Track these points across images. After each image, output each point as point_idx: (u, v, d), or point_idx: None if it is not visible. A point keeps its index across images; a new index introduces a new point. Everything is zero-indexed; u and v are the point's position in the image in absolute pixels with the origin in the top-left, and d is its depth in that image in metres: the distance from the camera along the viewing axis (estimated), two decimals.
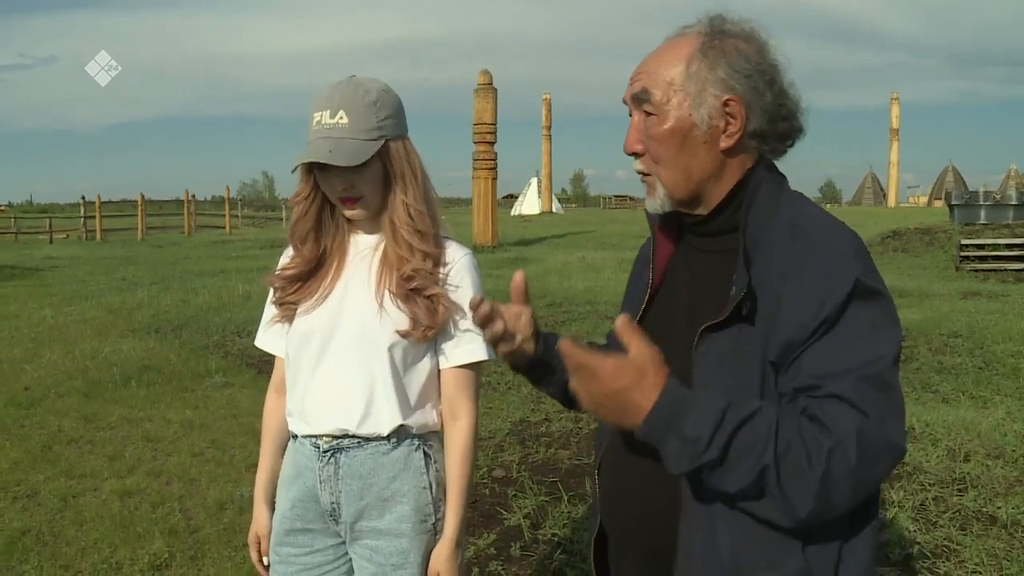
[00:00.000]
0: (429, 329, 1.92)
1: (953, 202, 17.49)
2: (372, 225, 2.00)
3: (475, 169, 19.10)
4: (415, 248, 1.93)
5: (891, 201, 43.96)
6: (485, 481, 4.75)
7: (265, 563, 2.16)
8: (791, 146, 1.56)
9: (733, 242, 1.48)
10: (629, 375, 1.33)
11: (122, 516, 4.65)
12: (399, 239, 1.94)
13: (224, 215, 39.64)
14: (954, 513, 4.11)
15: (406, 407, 1.96)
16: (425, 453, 1.99)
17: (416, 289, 1.92)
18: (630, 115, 1.56)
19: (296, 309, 2.01)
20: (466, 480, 2.00)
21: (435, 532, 1.99)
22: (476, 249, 18.52)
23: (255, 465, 2.22)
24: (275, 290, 2.05)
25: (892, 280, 12.79)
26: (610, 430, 1.63)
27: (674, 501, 1.46)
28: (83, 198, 36.53)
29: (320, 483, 2.00)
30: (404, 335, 1.92)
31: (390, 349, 1.92)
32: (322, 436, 1.98)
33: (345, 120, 1.85)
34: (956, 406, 6.04)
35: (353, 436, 1.96)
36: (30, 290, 15.23)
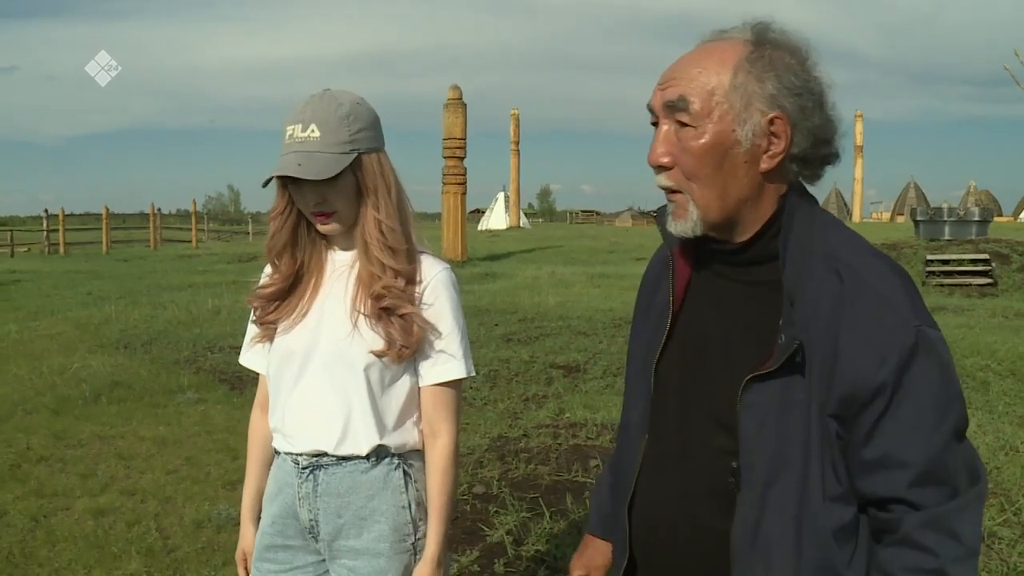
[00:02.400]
0: (404, 348, 1.90)
1: (918, 218, 17.75)
2: (348, 241, 1.99)
3: (445, 184, 19.09)
4: (386, 266, 1.90)
5: (855, 217, 44.51)
6: (466, 497, 4.72)
7: None
8: (825, 171, 1.47)
9: (766, 274, 1.41)
10: None
11: (96, 536, 4.57)
12: (370, 256, 1.92)
13: (190, 229, 39.29)
14: None
15: (384, 427, 1.94)
16: (405, 472, 1.98)
17: (388, 308, 1.90)
18: (653, 123, 1.44)
19: (276, 328, 2.00)
20: (446, 498, 1.99)
21: (415, 552, 1.98)
22: None
23: (232, 482, 2.22)
24: (254, 309, 2.04)
25: None
26: (640, 460, 1.57)
27: (724, 542, 1.41)
28: (46, 211, 36.00)
29: (299, 500, 1.99)
30: (379, 355, 1.90)
31: (366, 370, 1.91)
32: (302, 454, 1.98)
33: (316, 134, 1.84)
34: None
35: (332, 455, 1.96)
36: None
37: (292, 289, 2.01)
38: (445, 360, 1.96)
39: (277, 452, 2.06)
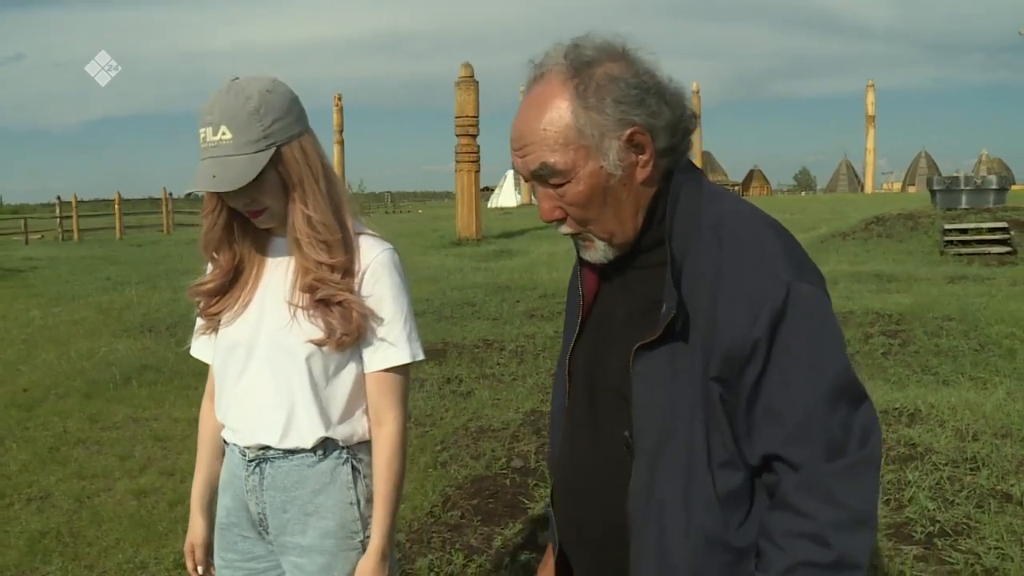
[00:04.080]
0: (345, 336, 1.84)
1: (935, 187, 17.65)
2: (286, 229, 1.91)
3: (458, 162, 19.07)
4: (319, 262, 1.83)
5: (868, 187, 44.29)
6: (505, 471, 4.78)
7: (199, 572, 2.14)
8: (691, 138, 1.49)
9: (663, 254, 1.43)
10: None
11: (140, 515, 4.64)
12: (303, 252, 1.85)
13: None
14: (970, 492, 4.17)
15: (329, 419, 1.89)
16: (353, 467, 1.92)
17: (324, 299, 1.84)
18: (527, 180, 1.47)
19: (220, 320, 1.96)
20: (392, 487, 1.91)
21: (363, 550, 1.92)
22: (460, 243, 18.55)
23: None
24: (197, 303, 1.99)
25: (878, 265, 12.93)
26: (559, 457, 1.64)
27: (624, 526, 1.45)
28: (59, 198, 36.16)
29: (247, 492, 1.96)
30: (319, 344, 1.84)
31: (308, 360, 1.86)
32: (248, 447, 1.94)
33: (228, 136, 1.74)
34: (957, 387, 6.12)
35: (277, 448, 1.91)
36: (14, 291, 15.04)
37: (234, 281, 1.96)
38: (388, 346, 1.89)
39: (226, 443, 2.03)
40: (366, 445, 1.95)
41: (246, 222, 1.90)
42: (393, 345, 1.89)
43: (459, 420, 5.71)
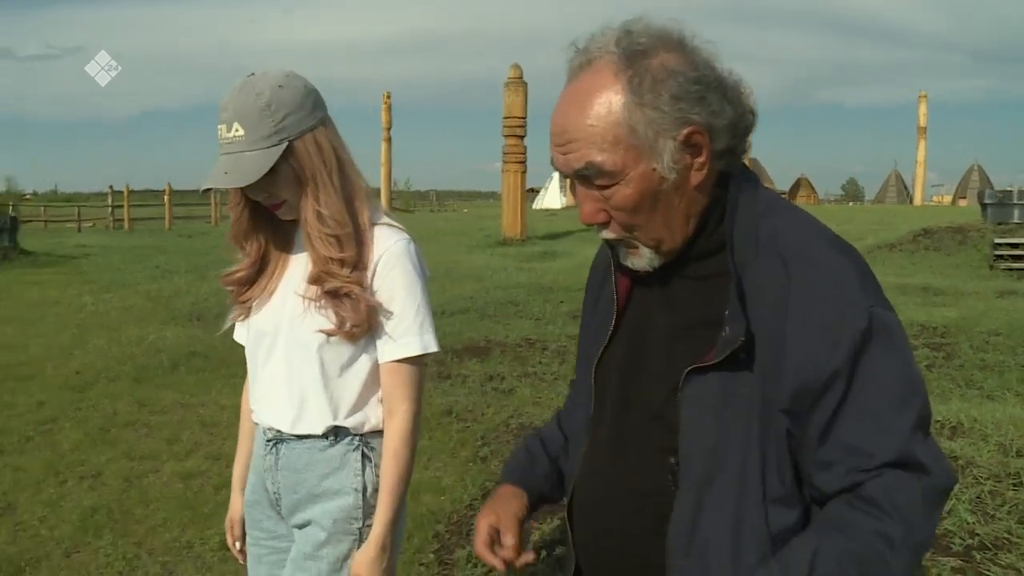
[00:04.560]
0: (355, 328, 1.87)
1: (986, 201, 17.38)
2: None
3: (505, 162, 19.14)
4: (328, 257, 1.86)
5: (917, 200, 43.65)
6: None
7: (239, 547, 2.22)
8: (750, 139, 1.37)
9: (713, 266, 1.34)
10: None
11: (186, 497, 4.76)
12: (313, 246, 1.88)
13: None
14: (1011, 507, 4.14)
15: (340, 408, 1.93)
16: (364, 454, 1.95)
17: (333, 291, 1.87)
18: (566, 176, 1.34)
19: (251, 308, 2.02)
20: (397, 478, 1.92)
21: (359, 539, 1.94)
22: (505, 242, 18.61)
23: None
24: (230, 292, 2.05)
25: (925, 278, 12.77)
26: (580, 477, 1.50)
27: (661, 544, 1.34)
28: (111, 188, 36.90)
29: (265, 471, 2.03)
30: (330, 334, 1.88)
31: (319, 350, 1.90)
32: (268, 428, 2.01)
33: (241, 132, 1.78)
34: (1002, 403, 6.05)
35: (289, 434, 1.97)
36: (67, 277, 15.40)
37: (261, 271, 2.01)
38: (399, 337, 1.91)
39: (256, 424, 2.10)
40: (379, 434, 1.98)
41: (272, 214, 1.94)
42: (404, 336, 1.91)
43: (500, 416, 5.77)
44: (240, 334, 2.12)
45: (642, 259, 1.36)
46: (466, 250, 17.90)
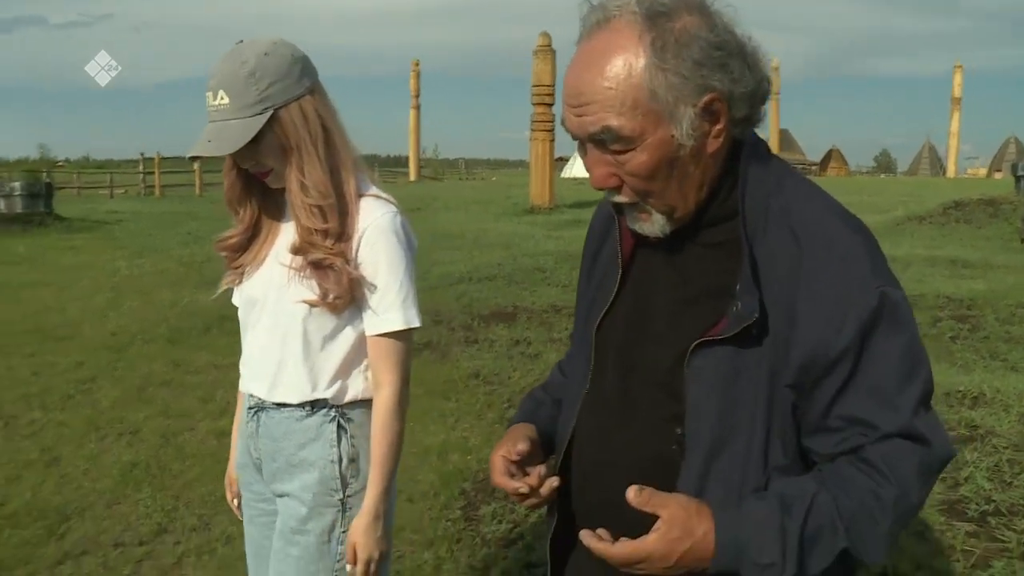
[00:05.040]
0: (338, 299, 1.87)
1: (1019, 173, 17.20)
2: None
3: (533, 131, 19.11)
4: (311, 228, 1.85)
5: (950, 172, 43.12)
6: None
7: (236, 504, 2.26)
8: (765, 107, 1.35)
9: (723, 233, 1.34)
10: (680, 541, 1.23)
11: (220, 454, 4.89)
12: (297, 215, 1.88)
13: None
14: None
15: (319, 378, 1.94)
16: (340, 425, 1.96)
17: (316, 262, 1.86)
18: (578, 140, 1.32)
19: (243, 273, 2.03)
20: (386, 449, 1.94)
21: (343, 508, 1.96)
22: (533, 211, 18.63)
23: None
24: (224, 258, 2.06)
25: (955, 250, 12.69)
26: (583, 436, 1.49)
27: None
28: (142, 155, 37.24)
29: (248, 437, 2.06)
30: (312, 304, 1.88)
31: (303, 320, 1.91)
32: (251, 395, 2.04)
33: (225, 100, 1.78)
34: None
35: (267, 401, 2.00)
36: (100, 242, 15.64)
37: (253, 238, 2.01)
38: (383, 311, 1.91)
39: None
40: (359, 404, 1.98)
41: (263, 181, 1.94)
42: (388, 311, 1.91)
43: (526, 380, 5.87)
44: (237, 298, 2.13)
45: (654, 225, 1.34)
46: (493, 218, 17.96)
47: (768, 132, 42.97)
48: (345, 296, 1.87)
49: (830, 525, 1.23)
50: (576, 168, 47.66)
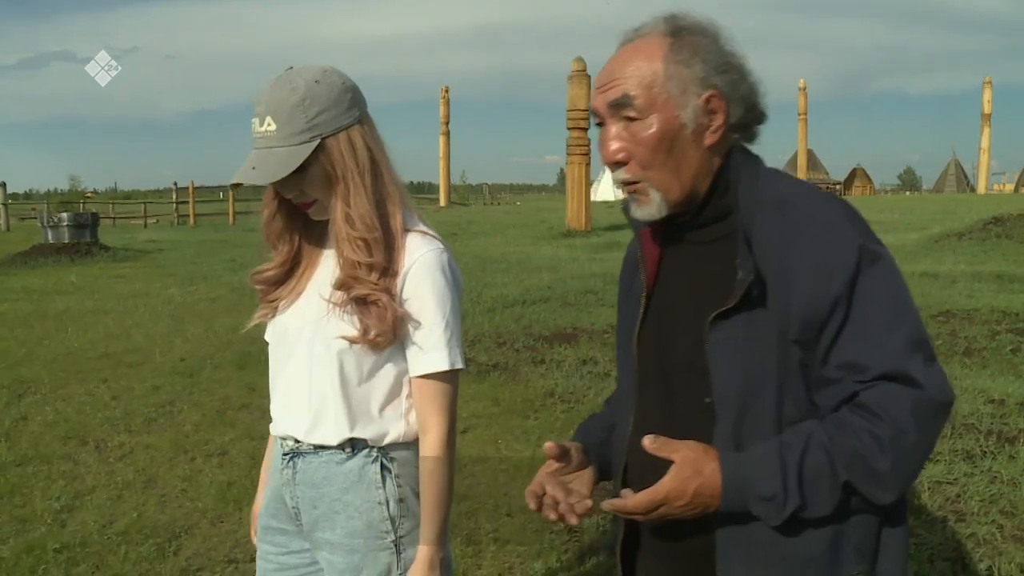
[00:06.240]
0: (380, 337, 1.80)
1: None
2: None
3: (569, 155, 19.29)
4: (356, 261, 1.80)
5: (981, 188, 42.90)
6: None
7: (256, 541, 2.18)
8: (759, 130, 1.58)
9: (723, 228, 1.52)
10: (691, 479, 1.39)
11: None
12: (341, 248, 1.82)
13: None
14: None
15: (359, 418, 1.87)
16: (383, 466, 1.88)
17: (359, 297, 1.80)
18: (599, 124, 1.54)
19: (278, 306, 1.96)
20: (436, 495, 1.86)
21: (396, 549, 1.89)
22: (570, 234, 18.78)
23: None
24: (259, 291, 2.00)
25: (999, 266, 12.67)
26: (632, 435, 1.59)
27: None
28: (175, 184, 37.80)
29: (283, 485, 1.95)
30: (352, 341, 1.81)
31: (340, 356, 1.83)
32: (285, 438, 1.94)
33: (272, 127, 1.74)
34: None
35: (305, 443, 1.91)
36: (147, 271, 15.94)
37: (292, 271, 1.95)
38: (428, 351, 1.84)
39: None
40: (402, 446, 1.91)
41: (306, 214, 1.89)
42: (432, 351, 1.84)
43: (600, 398, 5.89)
44: (270, 334, 2.04)
45: (651, 206, 1.52)
46: (531, 241, 18.11)
47: (796, 151, 42.81)
48: (388, 334, 1.80)
49: (828, 460, 1.37)
50: (602, 191, 47.81)
